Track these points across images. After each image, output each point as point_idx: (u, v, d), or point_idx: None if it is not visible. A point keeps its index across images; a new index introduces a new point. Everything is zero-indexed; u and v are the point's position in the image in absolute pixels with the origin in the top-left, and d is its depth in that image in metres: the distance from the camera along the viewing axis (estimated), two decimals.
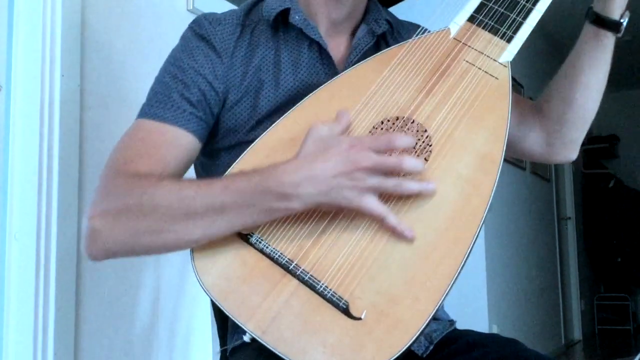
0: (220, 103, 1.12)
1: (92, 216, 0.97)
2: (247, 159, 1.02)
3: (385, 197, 0.96)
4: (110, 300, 1.71)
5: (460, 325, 1.17)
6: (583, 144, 1.29)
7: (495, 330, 3.69)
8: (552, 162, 1.30)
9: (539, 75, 4.84)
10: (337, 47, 1.19)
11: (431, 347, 1.05)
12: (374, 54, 1.11)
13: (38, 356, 1.51)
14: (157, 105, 1.09)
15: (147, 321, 1.79)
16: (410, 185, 0.94)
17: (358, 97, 1.04)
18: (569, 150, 1.25)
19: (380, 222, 0.94)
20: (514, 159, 4.46)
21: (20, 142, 1.56)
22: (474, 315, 3.61)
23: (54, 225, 1.56)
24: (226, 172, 1.02)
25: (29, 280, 1.52)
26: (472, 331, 1.14)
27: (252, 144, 1.03)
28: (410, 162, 0.94)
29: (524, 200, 4.81)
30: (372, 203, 0.93)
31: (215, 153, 1.15)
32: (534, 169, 5.20)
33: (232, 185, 0.92)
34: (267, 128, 1.05)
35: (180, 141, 1.07)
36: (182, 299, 1.85)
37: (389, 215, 0.93)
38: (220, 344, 1.10)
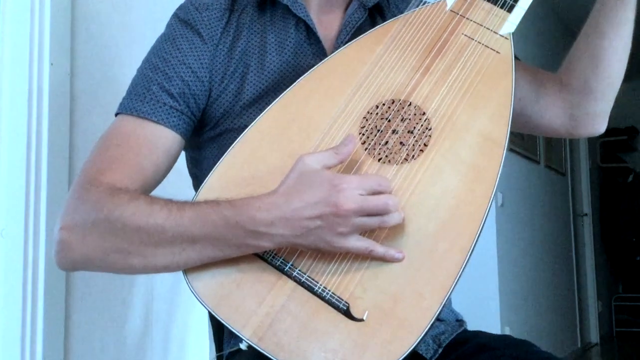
0: (207, 93, 1.10)
1: (62, 227, 0.97)
2: (237, 152, 1.01)
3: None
4: (102, 301, 1.70)
5: (471, 326, 1.17)
6: (600, 136, 1.25)
7: (507, 332, 3.70)
8: (577, 136, 1.27)
9: (548, 59, 4.75)
10: (329, 24, 1.16)
11: (440, 350, 1.05)
12: (369, 30, 1.08)
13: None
14: (135, 99, 1.07)
15: (141, 324, 1.78)
16: (393, 221, 0.92)
17: (350, 80, 1.03)
18: (597, 123, 1.22)
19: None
20: (526, 153, 4.40)
21: (7, 134, 1.54)
22: (485, 316, 3.61)
23: (42, 222, 1.55)
24: (214, 168, 1.00)
25: (16, 280, 1.52)
26: (483, 332, 1.13)
27: (241, 136, 1.01)
28: (395, 205, 0.91)
29: (537, 196, 4.74)
30: (354, 244, 0.90)
31: (203, 144, 1.14)
32: (548, 163, 5.09)
33: (203, 216, 0.91)
34: (254, 114, 1.04)
35: (159, 142, 1.05)
36: (177, 300, 1.84)
37: (375, 247, 0.92)
38: (216, 349, 1.09)
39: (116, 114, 1.08)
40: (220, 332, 1.14)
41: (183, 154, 1.14)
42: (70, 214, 0.98)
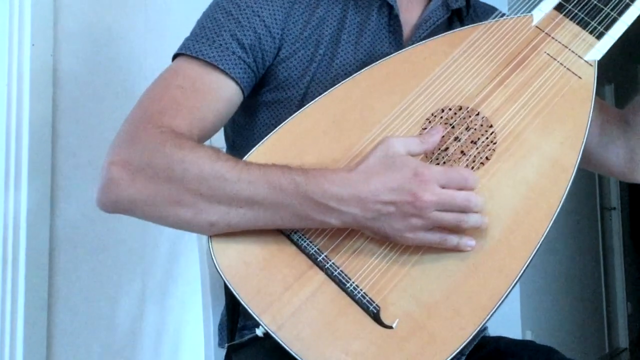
0: (275, 51, 1.10)
1: (113, 162, 0.95)
2: (290, 128, 1.00)
3: None
4: (88, 302, 1.67)
5: (492, 331, 1.15)
6: None
7: (529, 336, 3.60)
8: (630, 180, 1.26)
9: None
10: (409, 14, 1.17)
11: (463, 359, 1.03)
12: (445, 32, 1.10)
13: None
14: (203, 42, 1.05)
15: (130, 327, 1.75)
16: (472, 222, 0.91)
17: (419, 79, 1.03)
18: None
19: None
20: None
21: None
22: (506, 320, 3.51)
23: (23, 216, 1.51)
24: (265, 139, 1.00)
25: None
26: (503, 338, 1.12)
27: (298, 112, 1.01)
28: (477, 204, 0.91)
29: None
30: (424, 237, 0.90)
31: (255, 109, 1.13)
32: None
33: (271, 177, 0.90)
34: (318, 90, 1.05)
35: (223, 92, 1.04)
36: (169, 302, 1.81)
37: (448, 239, 0.91)
38: (228, 339, 1.07)
39: (176, 55, 1.07)
40: (234, 320, 1.11)
41: None
42: (125, 149, 0.96)
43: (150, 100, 1.02)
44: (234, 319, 1.06)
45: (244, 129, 1.15)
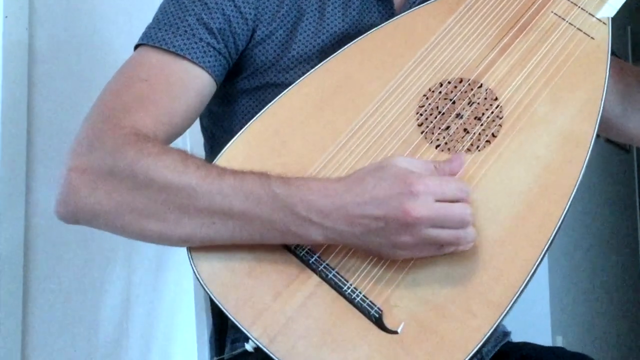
0: (249, 34, 1.07)
1: (72, 168, 0.92)
2: (271, 115, 0.99)
3: None
4: (68, 305, 1.63)
5: (517, 336, 1.14)
6: None
7: (559, 342, 3.60)
8: None
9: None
10: None
11: None
12: None
13: None
14: (166, 29, 1.03)
15: (114, 333, 1.72)
16: (470, 238, 0.88)
17: (413, 50, 1.01)
18: None
19: None
20: None
21: None
22: (534, 323, 3.51)
23: None
24: (243, 130, 0.97)
25: None
26: (530, 344, 1.11)
27: (278, 97, 0.99)
28: (471, 217, 0.87)
29: (595, 177, 4.63)
30: (419, 254, 0.88)
31: (233, 97, 1.11)
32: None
33: (246, 188, 0.87)
34: (301, 72, 1.03)
35: (192, 83, 1.02)
36: (158, 304, 1.78)
37: (444, 250, 0.88)
38: (216, 352, 1.06)
39: (138, 45, 1.05)
40: (222, 332, 1.10)
41: None
42: (84, 155, 0.93)
43: (112, 96, 0.99)
44: (222, 330, 1.05)
45: (223, 120, 1.12)
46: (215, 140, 1.14)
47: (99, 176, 0.91)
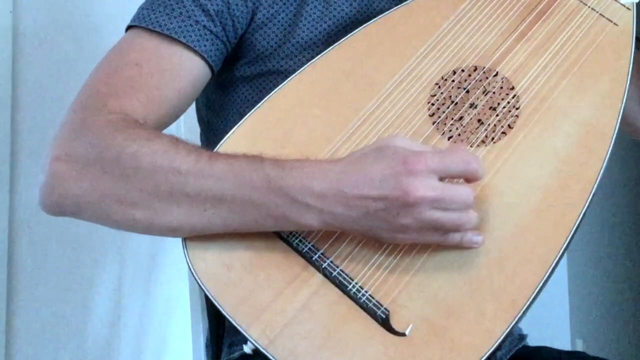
0: (248, 17, 1.07)
1: (57, 156, 0.92)
2: (273, 104, 0.98)
3: None
4: (55, 306, 1.63)
5: (534, 340, 1.14)
6: None
7: (579, 347, 3.58)
8: None
9: None
10: None
11: None
12: None
13: None
14: (160, 11, 1.02)
15: (104, 333, 1.71)
16: (475, 221, 0.87)
17: (425, 36, 1.01)
18: None
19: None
20: None
21: None
22: (552, 326, 3.49)
23: None
24: (244, 120, 0.97)
25: None
26: (548, 348, 1.11)
27: (281, 85, 0.99)
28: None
29: (618, 171, 4.61)
30: (420, 239, 0.87)
31: (232, 85, 1.11)
32: None
33: (239, 172, 0.87)
34: (306, 59, 1.03)
35: (186, 68, 1.02)
36: (151, 304, 1.78)
37: (448, 237, 0.87)
38: (213, 356, 1.06)
39: (129, 27, 1.05)
40: (218, 333, 1.09)
41: None
42: (68, 142, 0.93)
43: (100, 80, 0.99)
44: (219, 333, 1.04)
45: (221, 108, 1.12)
46: (213, 131, 1.14)
47: (85, 164, 0.91)
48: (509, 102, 0.96)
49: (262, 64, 1.07)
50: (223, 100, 1.12)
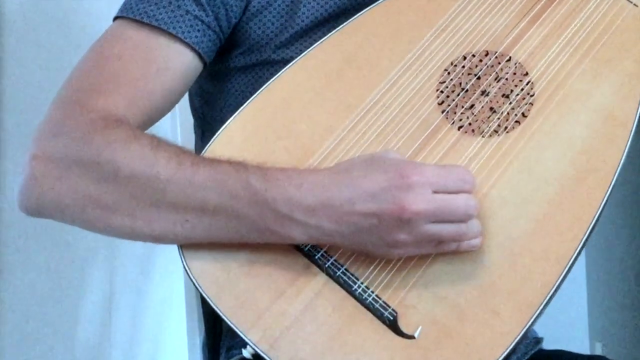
0: (243, 5, 1.06)
1: (35, 155, 0.92)
2: (270, 94, 0.98)
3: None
4: (42, 311, 1.63)
5: (551, 343, 1.13)
6: None
7: (599, 350, 3.57)
8: None
9: None
10: None
11: None
12: None
13: None
14: (148, 0, 1.02)
15: (94, 338, 1.71)
16: (474, 233, 0.87)
17: (432, 19, 1.01)
18: None
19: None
20: None
21: None
22: (570, 329, 3.49)
23: None
24: (239, 111, 0.96)
25: None
26: (565, 352, 1.11)
27: (279, 74, 0.99)
28: (476, 209, 0.86)
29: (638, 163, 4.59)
30: (417, 252, 0.87)
31: (226, 75, 1.10)
32: None
33: (222, 181, 0.87)
34: (304, 47, 1.02)
35: (175, 61, 1.01)
36: (145, 307, 1.78)
37: (445, 247, 0.87)
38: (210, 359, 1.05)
39: (116, 17, 1.04)
40: (215, 337, 1.10)
41: None
42: (49, 141, 0.93)
43: (82, 75, 0.99)
44: (216, 336, 1.05)
45: (216, 99, 1.12)
46: (208, 123, 1.14)
47: (64, 166, 0.91)
48: (522, 89, 0.96)
49: (258, 54, 1.07)
50: (217, 91, 1.11)
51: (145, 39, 1.01)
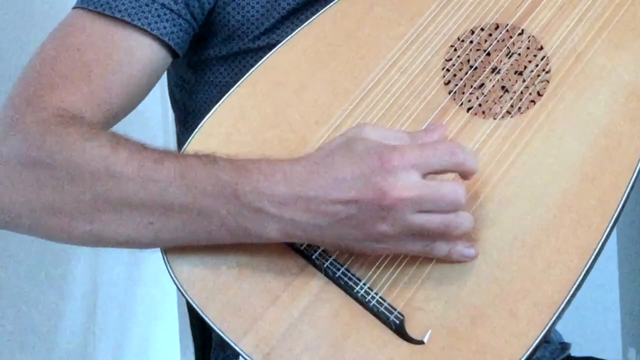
0: None
1: None
2: (258, 79, 0.98)
3: None
4: (21, 315, 1.63)
5: (580, 349, 1.13)
6: None
7: (632, 356, 3.60)
8: None
9: None
10: None
11: None
12: None
13: None
14: None
15: (78, 343, 1.72)
16: (465, 225, 0.85)
17: None
18: None
19: None
20: None
21: None
22: (601, 334, 3.52)
23: None
24: (223, 99, 0.96)
25: None
26: (596, 359, 1.10)
27: (267, 56, 0.98)
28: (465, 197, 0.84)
29: None
30: (400, 249, 0.86)
31: (207, 64, 1.10)
32: None
33: (188, 177, 0.86)
34: (291, 30, 1.01)
35: (140, 54, 1.01)
36: (132, 304, 1.78)
37: (434, 247, 0.86)
38: None
39: (75, 7, 1.03)
40: (205, 346, 1.10)
41: None
42: (0, 143, 0.92)
43: (36, 69, 0.99)
44: (205, 347, 1.05)
45: (198, 90, 1.12)
46: (189, 115, 1.14)
47: (13, 169, 0.90)
48: (537, 65, 0.96)
49: (240, 41, 1.07)
50: (198, 82, 1.11)
51: (108, 31, 1.01)
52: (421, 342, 0.85)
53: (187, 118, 1.15)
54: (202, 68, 1.10)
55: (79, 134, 0.90)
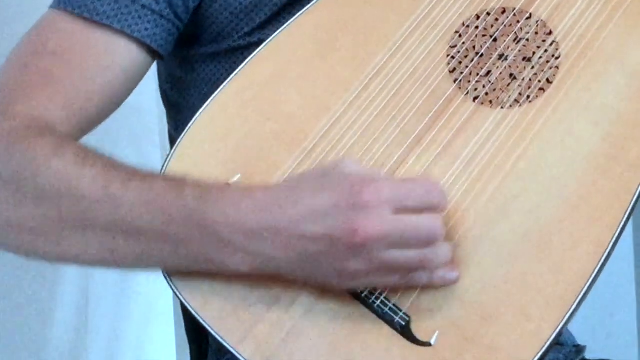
0: None
1: None
2: (249, 74, 0.98)
3: None
4: (7, 316, 1.64)
5: (595, 352, 1.13)
6: None
7: None
8: None
9: None
10: None
11: None
12: None
13: None
14: None
15: (68, 348, 1.72)
16: (442, 258, 0.85)
17: None
18: None
19: None
20: None
21: None
22: (617, 336, 3.52)
23: None
24: (216, 93, 0.96)
25: None
26: None
27: (259, 49, 0.98)
28: (442, 231, 0.84)
29: None
30: (376, 283, 0.85)
31: (196, 62, 1.10)
32: None
33: (153, 201, 0.85)
34: (277, 30, 1.00)
35: (119, 57, 1.00)
36: (127, 305, 1.78)
37: (413, 278, 0.85)
38: None
39: (52, 7, 1.03)
40: (201, 352, 1.11)
41: None
42: None
43: (8, 74, 0.99)
44: (202, 352, 1.05)
45: (189, 87, 1.12)
46: (181, 112, 1.13)
47: None
48: (546, 51, 0.95)
49: (230, 39, 1.07)
50: (190, 79, 1.11)
51: (85, 34, 1.00)
52: (428, 344, 0.84)
53: (179, 115, 1.15)
54: (193, 65, 1.11)
55: (46, 149, 0.90)
